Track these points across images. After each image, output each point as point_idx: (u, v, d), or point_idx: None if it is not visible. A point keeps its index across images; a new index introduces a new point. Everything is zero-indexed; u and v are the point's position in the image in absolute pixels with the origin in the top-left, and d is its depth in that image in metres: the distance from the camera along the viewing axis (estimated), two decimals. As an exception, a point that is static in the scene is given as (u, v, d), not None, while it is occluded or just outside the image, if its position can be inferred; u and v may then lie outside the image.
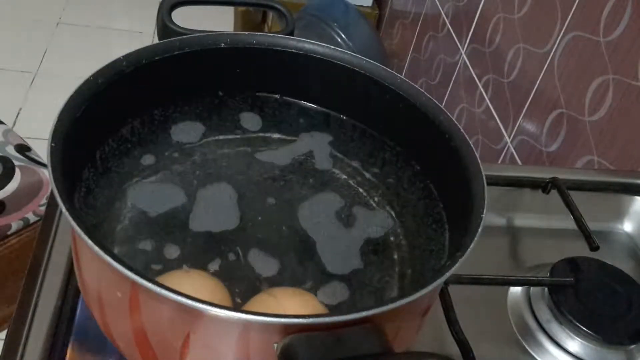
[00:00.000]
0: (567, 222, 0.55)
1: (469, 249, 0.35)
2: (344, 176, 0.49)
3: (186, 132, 0.48)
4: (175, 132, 0.48)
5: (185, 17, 0.57)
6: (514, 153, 0.94)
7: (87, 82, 0.40)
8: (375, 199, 0.47)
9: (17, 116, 1.76)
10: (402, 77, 0.47)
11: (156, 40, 0.47)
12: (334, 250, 0.43)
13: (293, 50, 0.48)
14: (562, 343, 0.48)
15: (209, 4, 0.57)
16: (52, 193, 0.36)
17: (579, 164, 0.78)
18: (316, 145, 0.50)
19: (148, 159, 0.46)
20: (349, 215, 0.45)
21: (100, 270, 0.35)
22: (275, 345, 0.30)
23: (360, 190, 0.48)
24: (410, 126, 0.47)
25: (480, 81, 1.08)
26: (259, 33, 0.48)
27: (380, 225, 0.45)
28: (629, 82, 0.69)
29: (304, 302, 0.37)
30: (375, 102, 0.49)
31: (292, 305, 0.37)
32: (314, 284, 0.40)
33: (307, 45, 0.48)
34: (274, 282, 0.40)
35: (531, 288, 0.52)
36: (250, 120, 0.51)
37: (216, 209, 0.44)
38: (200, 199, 0.44)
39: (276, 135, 0.50)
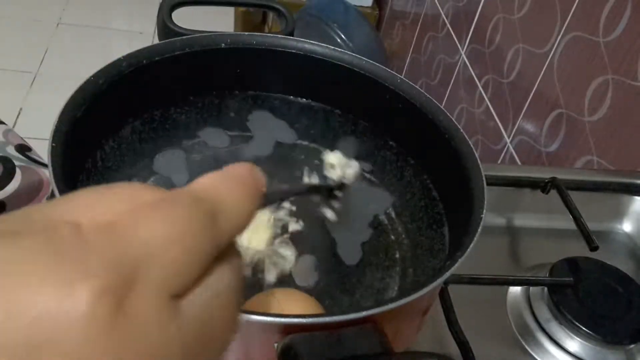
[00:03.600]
0: (567, 222, 0.55)
1: (468, 249, 0.35)
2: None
3: (186, 131, 0.48)
4: (175, 131, 0.48)
5: (186, 18, 0.57)
6: (514, 153, 0.94)
7: (87, 83, 0.40)
8: (373, 199, 0.47)
9: (17, 116, 1.76)
10: (402, 77, 0.47)
11: (156, 41, 0.47)
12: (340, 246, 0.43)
13: (293, 51, 0.48)
14: (561, 343, 0.48)
15: (209, 5, 0.57)
16: (52, 193, 0.36)
17: (579, 164, 0.78)
18: (314, 144, 0.50)
19: (148, 159, 0.46)
20: (348, 215, 0.45)
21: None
22: (276, 345, 0.30)
23: (359, 189, 0.48)
24: (410, 126, 0.47)
25: (480, 81, 1.08)
26: (259, 33, 0.48)
27: (380, 225, 0.45)
28: (628, 82, 0.69)
29: (304, 303, 0.37)
30: (375, 103, 0.49)
31: (292, 306, 0.37)
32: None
33: (307, 46, 0.49)
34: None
35: (531, 288, 0.52)
36: (249, 120, 0.51)
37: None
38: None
39: (273, 136, 0.50)
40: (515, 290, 0.53)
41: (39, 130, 1.43)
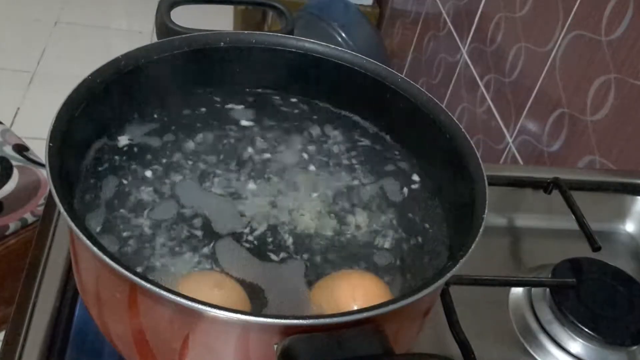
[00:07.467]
0: (569, 223, 0.55)
1: (470, 250, 0.34)
2: (342, 175, 0.48)
3: (186, 130, 0.48)
4: (175, 130, 0.48)
5: (185, 17, 0.57)
6: (516, 153, 0.93)
7: (85, 82, 0.40)
8: (375, 198, 0.47)
9: (15, 116, 1.76)
10: (403, 76, 0.47)
11: (155, 40, 0.47)
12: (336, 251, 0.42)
13: (293, 50, 0.48)
14: (563, 344, 0.48)
15: (208, 3, 0.57)
16: (50, 193, 0.36)
17: (581, 163, 0.77)
18: (315, 144, 0.50)
19: (147, 158, 0.45)
20: (348, 215, 0.45)
21: (98, 271, 0.34)
22: (275, 346, 0.29)
23: (359, 190, 0.47)
24: (410, 126, 0.47)
25: (481, 81, 1.08)
26: (258, 32, 0.48)
27: (380, 226, 0.45)
28: (631, 82, 0.69)
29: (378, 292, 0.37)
30: (376, 102, 0.48)
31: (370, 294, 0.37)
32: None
33: (307, 44, 0.48)
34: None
35: (533, 289, 0.52)
36: (249, 119, 0.50)
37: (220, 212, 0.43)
38: (204, 197, 0.44)
39: (273, 134, 0.50)
40: (517, 291, 0.52)
41: (36, 129, 1.43)
